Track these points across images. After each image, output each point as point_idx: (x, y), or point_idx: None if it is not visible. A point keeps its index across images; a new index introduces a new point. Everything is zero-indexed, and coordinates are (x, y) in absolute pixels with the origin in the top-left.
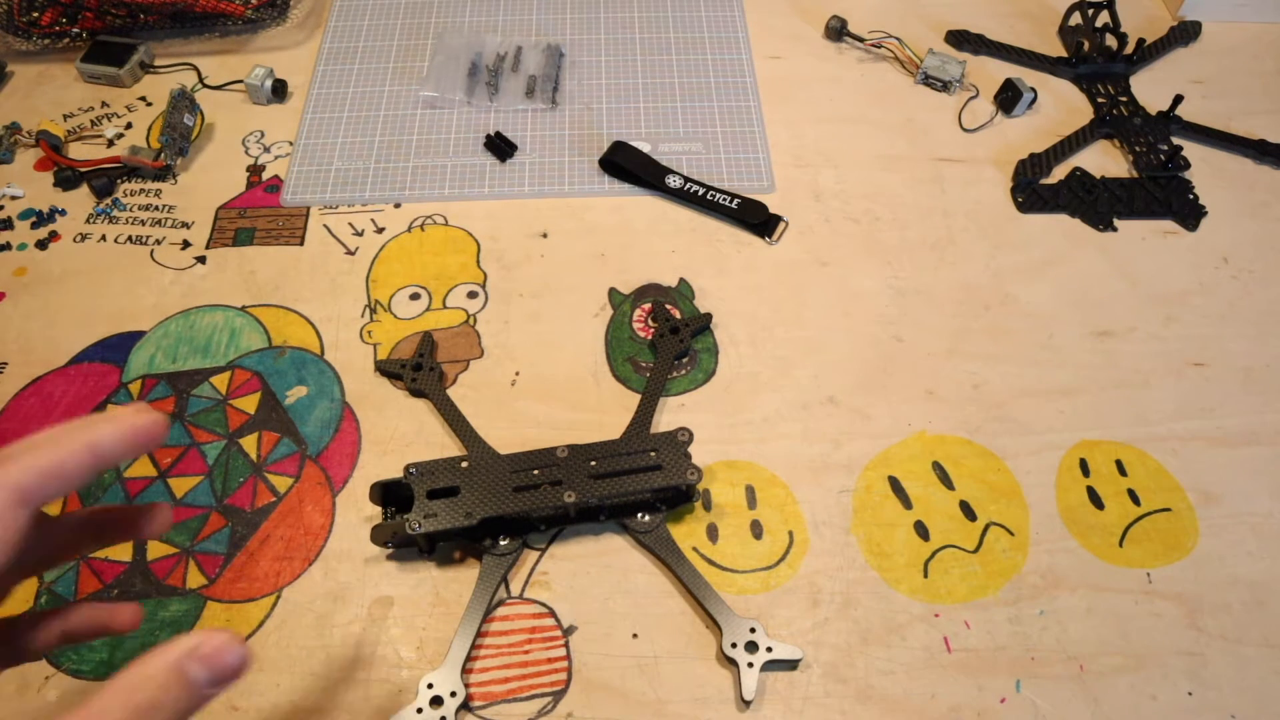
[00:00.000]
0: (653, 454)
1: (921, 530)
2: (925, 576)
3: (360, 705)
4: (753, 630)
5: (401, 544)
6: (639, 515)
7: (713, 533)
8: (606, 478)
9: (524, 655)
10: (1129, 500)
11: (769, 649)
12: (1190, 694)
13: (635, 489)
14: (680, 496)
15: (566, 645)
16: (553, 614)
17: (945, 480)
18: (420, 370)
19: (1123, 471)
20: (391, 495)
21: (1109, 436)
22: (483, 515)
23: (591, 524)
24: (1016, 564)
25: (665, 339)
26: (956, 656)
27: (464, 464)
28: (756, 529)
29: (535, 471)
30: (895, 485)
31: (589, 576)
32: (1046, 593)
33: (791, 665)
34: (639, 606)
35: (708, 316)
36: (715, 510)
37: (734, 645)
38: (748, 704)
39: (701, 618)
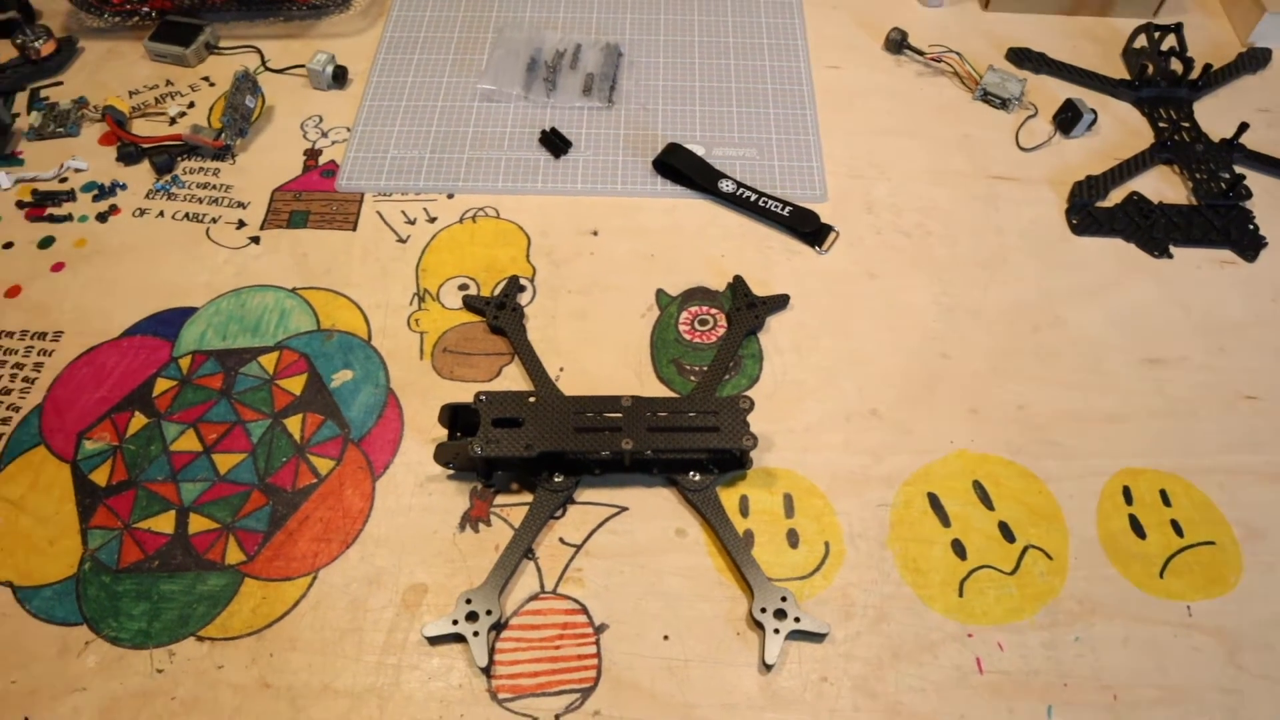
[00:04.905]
0: (713, 416)
1: (959, 549)
2: (960, 596)
3: (390, 690)
4: (784, 599)
5: (462, 466)
6: (690, 474)
7: (749, 539)
8: (664, 431)
9: (555, 650)
10: (1172, 531)
11: (797, 619)
12: None
13: (690, 446)
14: (733, 461)
15: (597, 643)
16: (585, 611)
17: (985, 500)
18: (503, 309)
19: (1166, 502)
20: (460, 419)
21: (1154, 465)
22: (541, 449)
23: (643, 475)
24: (1054, 588)
25: (741, 313)
26: (988, 678)
27: (531, 399)
28: (793, 538)
29: (597, 415)
30: (934, 502)
31: (623, 576)
32: (1083, 619)
33: (818, 639)
34: (672, 609)
35: (785, 297)
36: (752, 516)
37: (763, 610)
38: (769, 667)
39: (737, 583)
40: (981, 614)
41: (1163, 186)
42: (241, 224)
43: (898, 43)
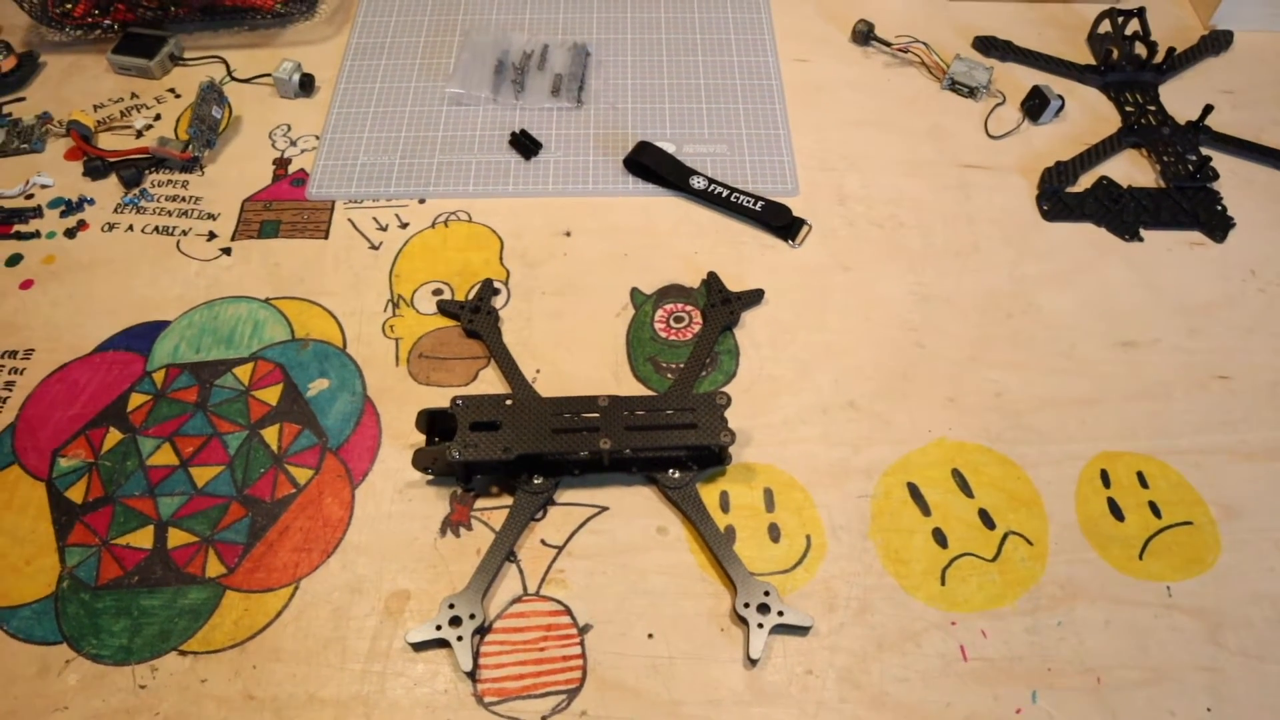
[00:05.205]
0: (690, 413)
1: (940, 538)
2: (943, 584)
3: (375, 697)
4: (766, 594)
5: (441, 471)
6: (670, 471)
7: (730, 535)
8: (642, 430)
9: (539, 652)
10: (1150, 513)
11: (780, 613)
12: (1209, 710)
13: (668, 444)
14: (712, 458)
15: (582, 643)
16: (569, 612)
17: (965, 488)
18: (478, 312)
19: (1144, 483)
20: (437, 424)
21: (1131, 448)
22: (520, 452)
23: (623, 474)
24: (1035, 574)
25: (716, 309)
26: (973, 665)
27: (508, 402)
28: (774, 532)
29: (575, 416)
30: (914, 492)
31: (606, 575)
32: (1065, 603)
33: (802, 632)
34: (655, 607)
35: (759, 292)
36: (733, 512)
37: (747, 605)
38: (754, 662)
39: (720, 579)
40: (964, 602)
41: (1131, 170)
42: (212, 235)
43: (865, 34)
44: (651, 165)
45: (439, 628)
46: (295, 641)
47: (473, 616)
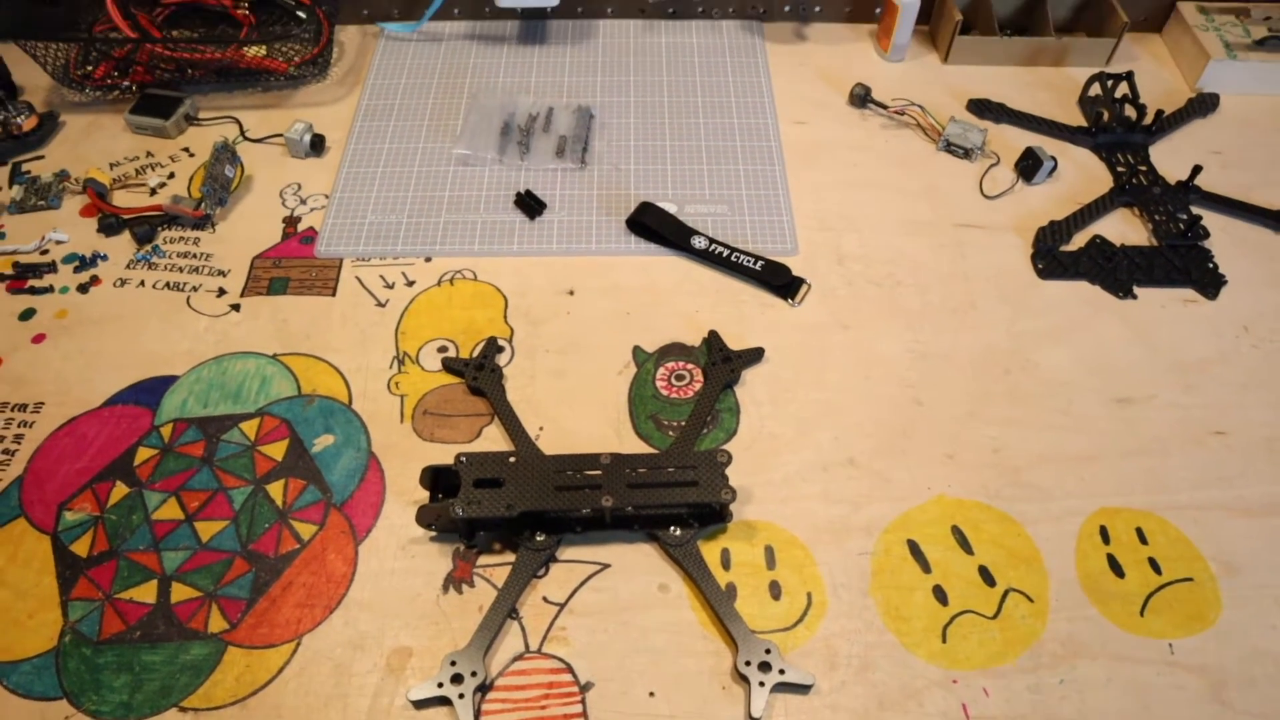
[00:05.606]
0: (691, 470)
1: (940, 595)
2: (944, 642)
3: None
4: (768, 651)
5: (444, 528)
6: (671, 529)
7: (731, 592)
8: (644, 487)
9: (540, 711)
10: (1150, 569)
11: (782, 671)
12: None
13: (670, 501)
14: (713, 515)
15: (583, 702)
16: (570, 670)
17: (964, 545)
18: (482, 370)
19: (1143, 540)
20: (441, 481)
21: (1129, 504)
22: (523, 509)
23: (624, 531)
24: (1036, 631)
25: (717, 368)
26: None
27: (511, 459)
28: (775, 589)
29: (577, 473)
30: (914, 549)
31: (607, 633)
32: (1066, 661)
33: (803, 690)
34: (656, 665)
35: (759, 350)
36: (734, 569)
37: (748, 663)
38: None
39: (721, 637)
40: (965, 659)
41: (1124, 229)
42: (222, 292)
43: (862, 97)
44: (653, 225)
45: (441, 685)
46: (296, 698)
47: (474, 674)
